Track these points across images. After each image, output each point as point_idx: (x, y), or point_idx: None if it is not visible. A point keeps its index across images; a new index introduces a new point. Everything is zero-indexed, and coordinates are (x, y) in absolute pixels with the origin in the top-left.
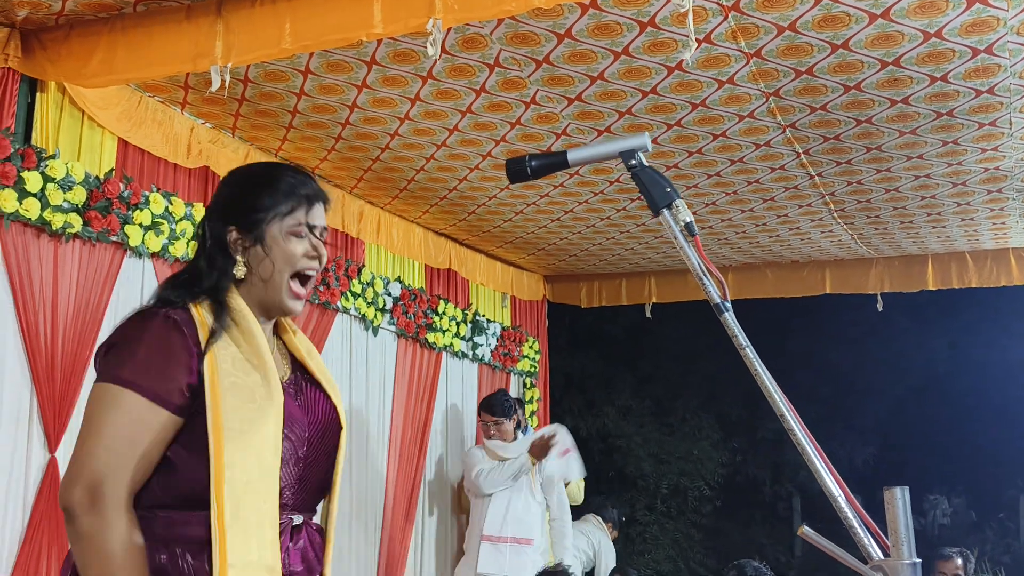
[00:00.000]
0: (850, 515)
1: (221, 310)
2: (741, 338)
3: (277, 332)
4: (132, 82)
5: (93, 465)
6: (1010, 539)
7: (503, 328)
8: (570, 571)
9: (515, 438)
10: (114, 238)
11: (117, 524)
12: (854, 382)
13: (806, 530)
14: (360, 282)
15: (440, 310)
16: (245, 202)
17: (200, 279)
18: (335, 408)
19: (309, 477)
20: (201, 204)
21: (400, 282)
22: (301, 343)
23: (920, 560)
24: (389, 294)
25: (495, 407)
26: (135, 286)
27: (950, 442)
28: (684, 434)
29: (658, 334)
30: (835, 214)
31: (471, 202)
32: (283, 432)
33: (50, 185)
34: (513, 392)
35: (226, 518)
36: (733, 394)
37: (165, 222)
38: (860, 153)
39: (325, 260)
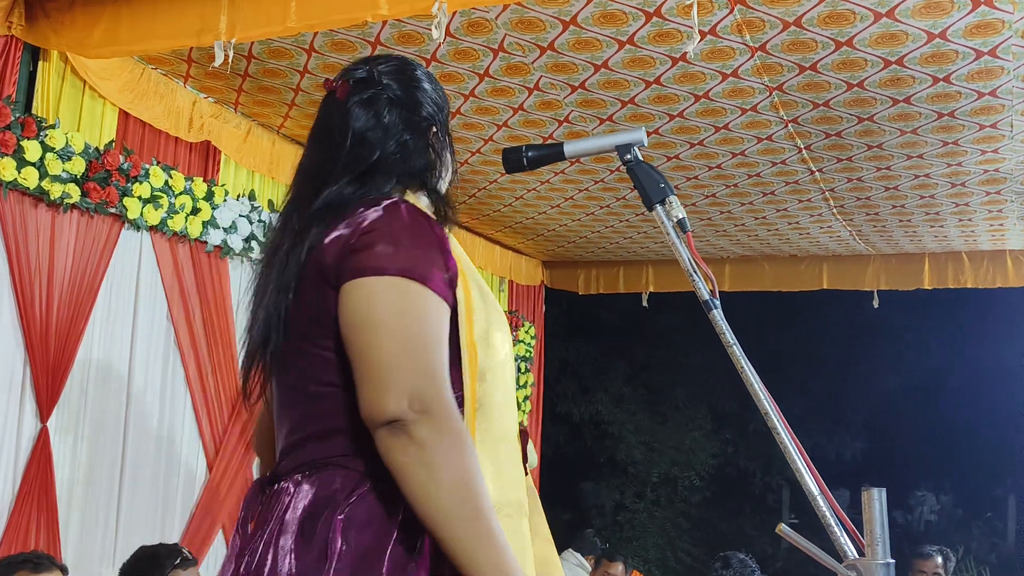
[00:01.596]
0: (828, 513)
1: (443, 203)
2: (728, 335)
3: None
4: (135, 54)
5: (405, 367)
6: (996, 538)
7: None
8: None
9: None
10: (112, 210)
11: (460, 428)
12: (846, 377)
13: (784, 528)
14: None
15: None
16: (442, 102)
17: (394, 168)
18: None
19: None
20: (201, 179)
21: None
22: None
23: (894, 560)
24: None
25: None
26: (132, 259)
27: (940, 440)
28: (676, 424)
29: (654, 323)
30: (834, 210)
31: (472, 186)
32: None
33: (49, 155)
34: None
35: (476, 441)
36: (726, 386)
37: (164, 196)
38: (861, 150)
39: None
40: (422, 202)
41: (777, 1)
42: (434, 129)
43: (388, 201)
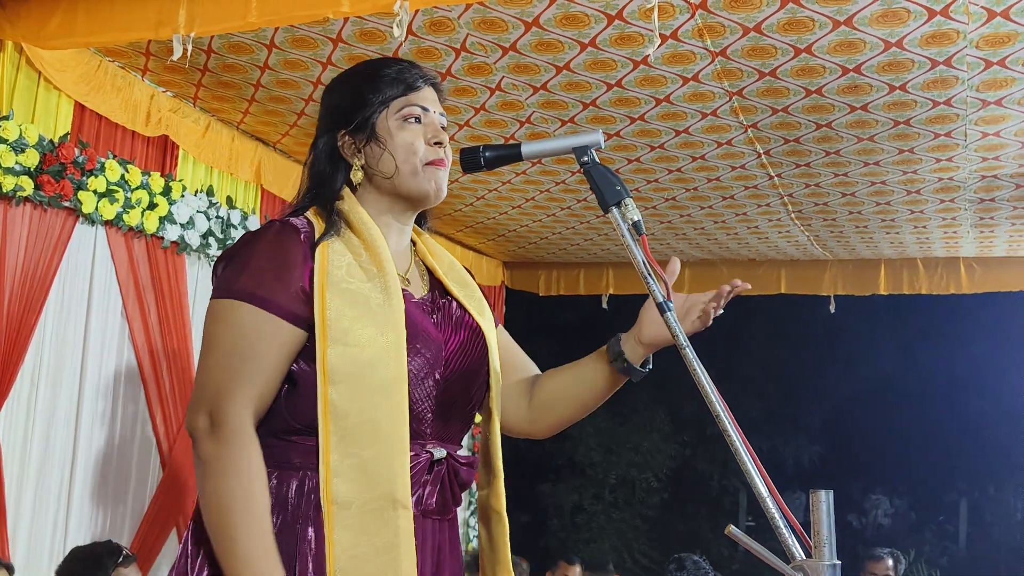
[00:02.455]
0: (776, 515)
1: (331, 215)
2: (681, 338)
3: (416, 250)
4: (92, 46)
5: (210, 385)
6: (948, 541)
7: None
8: None
9: None
10: (67, 204)
11: (237, 449)
12: (804, 382)
13: (733, 530)
14: None
15: None
16: (347, 102)
17: (309, 193)
18: (479, 327)
19: (450, 403)
20: (158, 174)
21: None
22: (440, 259)
23: (840, 562)
24: None
25: None
26: (86, 253)
27: (895, 444)
28: (635, 425)
29: (613, 325)
30: (792, 215)
31: None
32: (413, 347)
33: (2, 146)
34: None
35: (331, 443)
36: (685, 388)
37: (120, 190)
38: (819, 156)
39: (448, 148)
40: (361, 213)
41: (737, 7)
42: (343, 133)
43: (264, 224)
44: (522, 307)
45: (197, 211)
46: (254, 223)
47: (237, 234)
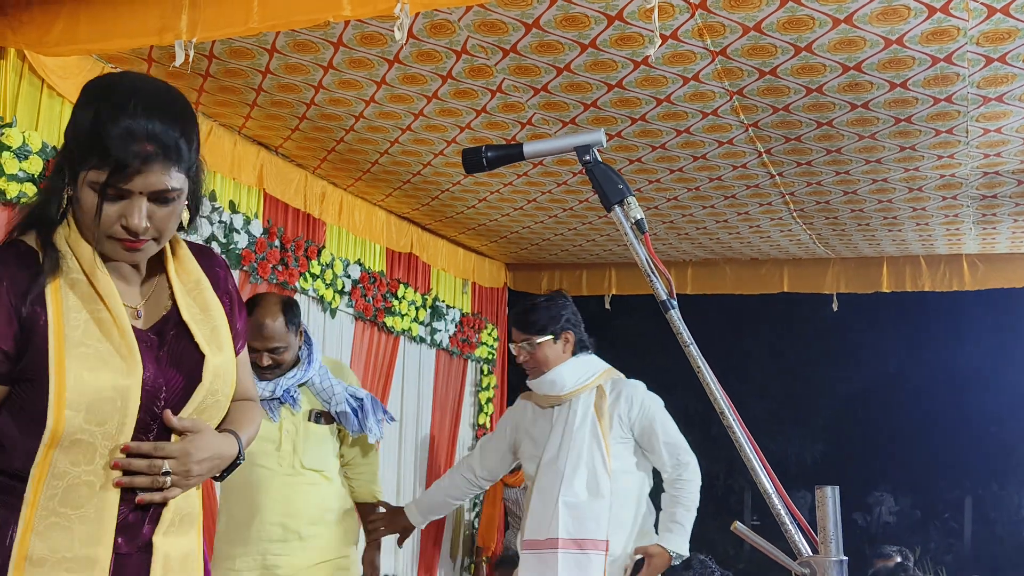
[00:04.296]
0: (782, 511)
1: (48, 249)
2: (686, 335)
3: (164, 262)
4: (94, 53)
5: None
6: (953, 539)
7: (462, 314)
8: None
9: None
10: None
11: None
12: (807, 380)
13: (739, 526)
14: (319, 263)
15: (399, 294)
16: (67, 131)
17: (34, 210)
18: (202, 359)
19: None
20: None
21: (360, 265)
22: (183, 275)
23: (847, 558)
24: (348, 276)
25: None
26: None
27: (899, 442)
28: None
29: (616, 326)
30: (794, 214)
31: (434, 187)
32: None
33: (5, 153)
34: (470, 379)
35: (40, 498)
36: (689, 388)
37: None
38: (820, 155)
39: (156, 231)
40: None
41: (737, 6)
42: (67, 155)
43: None
44: None
45: (199, 216)
46: (257, 228)
47: (240, 239)
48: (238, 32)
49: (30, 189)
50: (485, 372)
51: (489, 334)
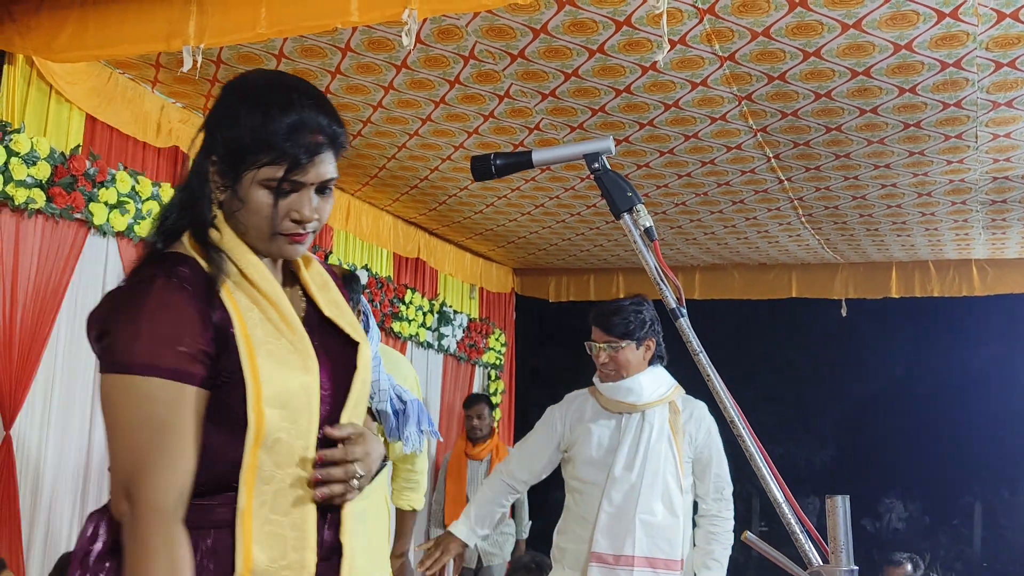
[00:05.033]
0: (792, 521)
1: (211, 252)
2: (695, 343)
3: (287, 264)
4: (102, 59)
5: (123, 470)
6: (963, 545)
7: (470, 319)
8: None
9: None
10: (78, 215)
11: (160, 536)
12: (815, 386)
13: (749, 536)
14: None
15: (407, 299)
16: (226, 133)
17: (182, 215)
18: (354, 350)
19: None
20: (169, 185)
21: (367, 270)
22: (314, 276)
23: (857, 568)
24: None
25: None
26: (98, 265)
27: (908, 447)
28: None
29: None
30: (803, 219)
31: (442, 192)
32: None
33: (14, 159)
34: (477, 384)
35: (254, 505)
36: (696, 394)
37: (131, 201)
38: (829, 160)
39: (318, 221)
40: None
41: (746, 11)
42: (214, 160)
43: (137, 278)
44: (532, 314)
45: None
46: None
47: None
48: (246, 38)
49: (38, 195)
50: (493, 377)
51: (496, 339)
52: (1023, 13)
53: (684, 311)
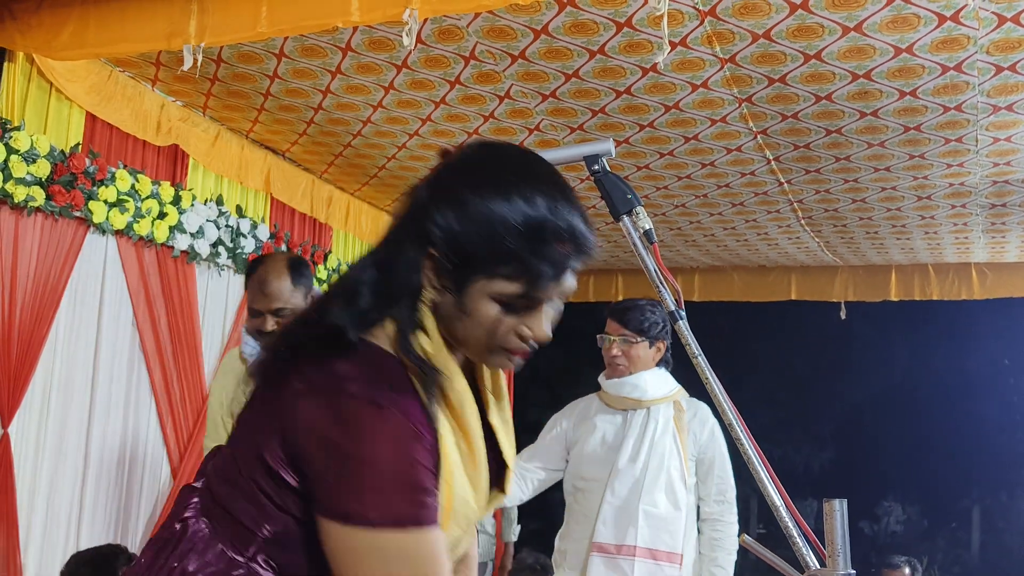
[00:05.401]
0: (790, 524)
1: (424, 369)
2: (694, 346)
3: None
4: (103, 57)
5: None
6: (961, 549)
7: None
8: None
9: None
10: (77, 213)
11: None
12: (815, 388)
13: (747, 539)
14: (326, 268)
15: None
16: (458, 228)
17: (380, 305)
18: (504, 471)
19: None
20: (168, 183)
21: None
22: (491, 380)
23: (855, 572)
24: None
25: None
26: (97, 263)
27: (906, 451)
28: None
29: None
30: (803, 221)
31: None
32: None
33: (13, 157)
34: None
35: None
36: (694, 395)
37: (131, 200)
38: (829, 162)
39: (544, 338)
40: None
41: (746, 14)
42: (432, 254)
43: (376, 414)
44: None
45: (207, 220)
46: (263, 232)
47: (246, 243)
48: (246, 37)
49: (38, 193)
50: None
51: None
52: None
53: (683, 314)
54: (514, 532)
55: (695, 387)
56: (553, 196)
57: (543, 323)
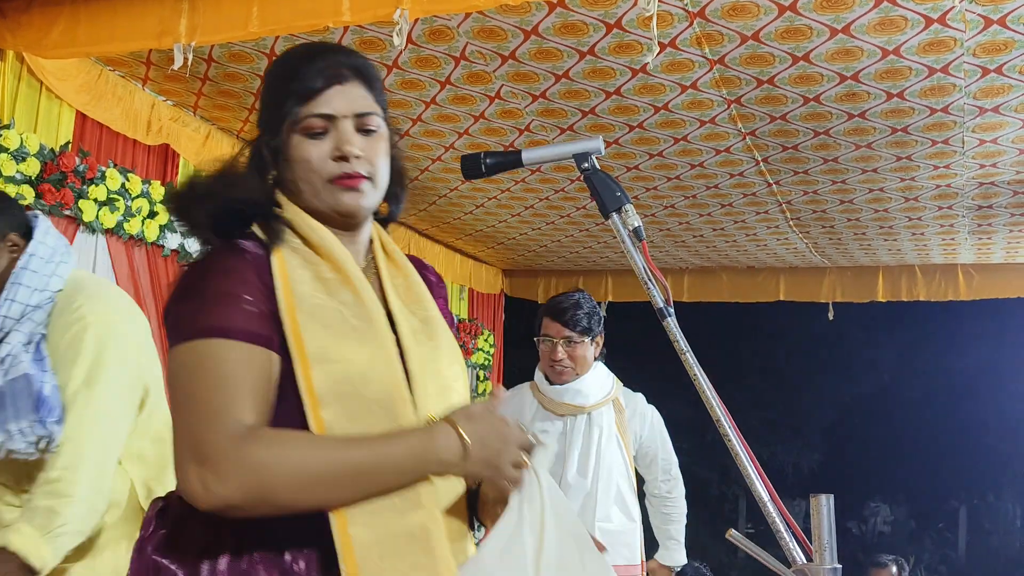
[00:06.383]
0: (777, 519)
1: (272, 223)
2: (682, 343)
3: (375, 260)
4: (93, 56)
5: (194, 432)
6: (947, 549)
7: (459, 320)
8: None
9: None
10: (67, 212)
11: (256, 442)
12: (803, 389)
13: (734, 533)
14: None
15: None
16: (265, 100)
17: (242, 198)
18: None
19: None
20: (159, 182)
21: None
22: (399, 269)
23: (840, 566)
24: None
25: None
26: (87, 262)
27: (894, 451)
28: None
29: (612, 332)
30: (791, 222)
31: (432, 193)
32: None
33: (3, 155)
34: None
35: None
36: (683, 395)
37: (121, 199)
38: (817, 164)
39: (368, 163)
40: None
41: (736, 15)
42: (264, 137)
43: (207, 252)
44: (522, 315)
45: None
46: None
47: None
48: (237, 36)
49: (28, 192)
50: (481, 378)
51: (486, 340)
52: (1010, 19)
53: (672, 311)
54: None
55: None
56: (330, 50)
57: (344, 139)
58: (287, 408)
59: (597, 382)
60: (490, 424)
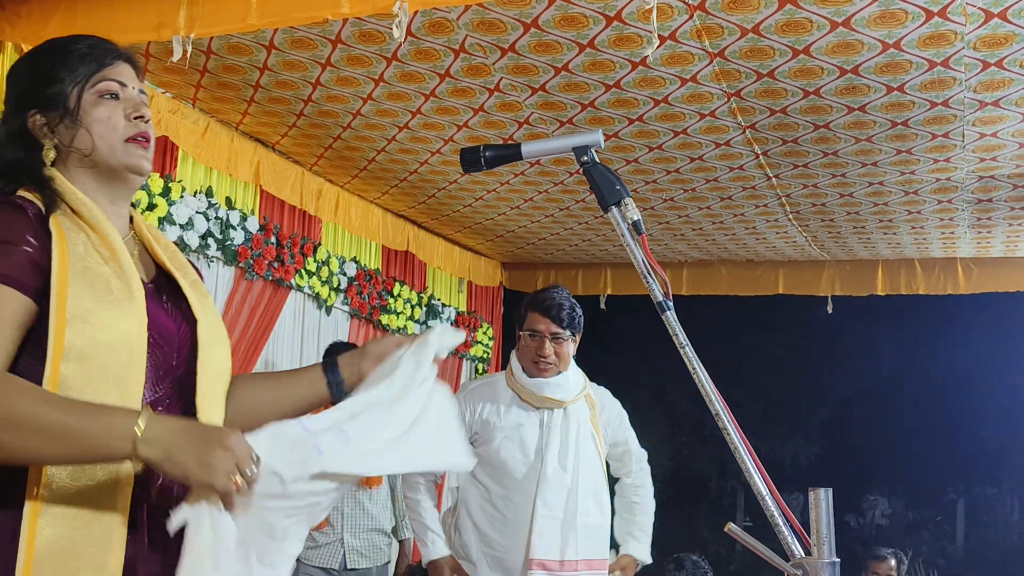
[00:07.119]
0: (776, 513)
1: (47, 191)
2: (681, 336)
3: (135, 231)
4: None
5: None
6: (945, 542)
7: (458, 313)
8: None
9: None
10: None
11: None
12: (801, 382)
13: (732, 527)
14: (315, 260)
15: (395, 292)
16: (38, 79)
17: (6, 170)
18: (196, 318)
19: (187, 403)
20: (157, 175)
21: (356, 262)
22: (159, 241)
23: (839, 560)
24: (344, 274)
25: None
26: None
27: (892, 444)
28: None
29: (611, 326)
30: (790, 216)
31: (431, 185)
32: (152, 339)
33: None
34: (464, 378)
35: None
36: (682, 389)
37: None
38: (817, 157)
39: (151, 125)
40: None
41: (736, 8)
42: (33, 112)
43: None
44: (520, 308)
45: (196, 212)
46: (253, 224)
47: (236, 235)
48: (236, 29)
49: None
50: (480, 371)
51: (484, 333)
52: (1011, 13)
53: (671, 304)
54: (406, 527)
55: (680, 379)
56: (80, 36)
57: (131, 100)
58: (26, 357)
59: (575, 379)
60: (199, 433)
